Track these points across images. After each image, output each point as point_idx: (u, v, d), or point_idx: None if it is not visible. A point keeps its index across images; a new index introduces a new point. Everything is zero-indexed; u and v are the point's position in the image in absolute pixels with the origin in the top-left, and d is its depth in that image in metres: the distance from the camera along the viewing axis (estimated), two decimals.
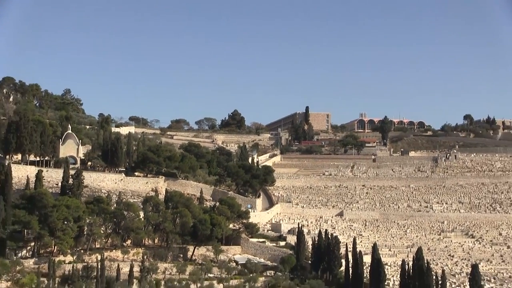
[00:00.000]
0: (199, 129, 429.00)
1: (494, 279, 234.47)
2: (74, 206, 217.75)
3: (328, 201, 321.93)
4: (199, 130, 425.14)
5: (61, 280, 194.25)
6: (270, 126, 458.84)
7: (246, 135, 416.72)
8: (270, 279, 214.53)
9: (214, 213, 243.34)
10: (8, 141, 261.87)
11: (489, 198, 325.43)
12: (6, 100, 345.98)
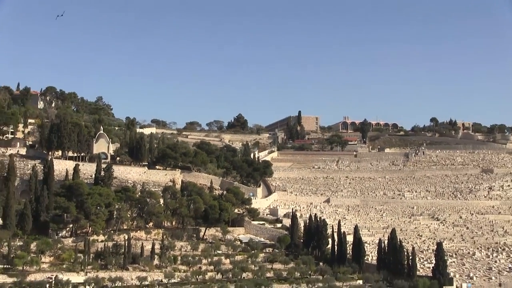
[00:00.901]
0: (209, 129, 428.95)
1: (455, 255, 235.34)
2: (105, 194, 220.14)
3: (317, 190, 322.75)
4: (209, 130, 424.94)
5: (95, 255, 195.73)
6: (269, 127, 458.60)
7: (249, 135, 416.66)
8: (269, 255, 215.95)
9: (222, 200, 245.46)
10: (51, 140, 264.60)
11: (451, 187, 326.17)
12: (49, 106, 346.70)
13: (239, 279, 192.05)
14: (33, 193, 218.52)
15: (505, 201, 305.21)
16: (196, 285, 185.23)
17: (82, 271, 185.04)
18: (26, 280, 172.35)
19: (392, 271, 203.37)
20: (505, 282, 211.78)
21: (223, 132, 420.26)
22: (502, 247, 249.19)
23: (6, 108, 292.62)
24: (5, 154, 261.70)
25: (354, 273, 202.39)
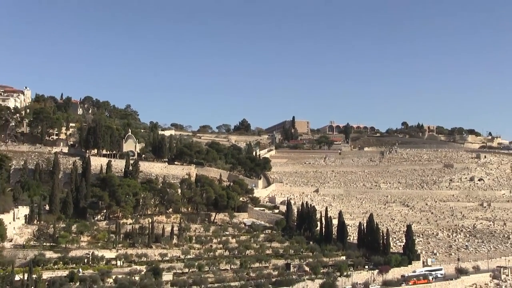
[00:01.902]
0: (219, 132, 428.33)
1: (422, 235, 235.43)
2: (133, 185, 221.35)
3: (308, 182, 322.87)
4: (219, 132, 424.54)
5: (124, 235, 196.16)
6: (268, 130, 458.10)
7: (251, 136, 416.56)
8: (268, 235, 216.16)
9: (229, 190, 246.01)
10: (88, 141, 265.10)
11: (419, 179, 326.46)
12: (87, 112, 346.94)
13: (243, 255, 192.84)
14: (74, 184, 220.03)
15: (462, 190, 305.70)
16: (208, 260, 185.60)
17: (114, 248, 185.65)
18: (69, 256, 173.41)
19: (370, 249, 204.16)
20: (462, 257, 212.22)
21: (230, 134, 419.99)
22: (460, 228, 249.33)
23: (52, 114, 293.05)
24: (51, 152, 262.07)
25: (338, 251, 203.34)
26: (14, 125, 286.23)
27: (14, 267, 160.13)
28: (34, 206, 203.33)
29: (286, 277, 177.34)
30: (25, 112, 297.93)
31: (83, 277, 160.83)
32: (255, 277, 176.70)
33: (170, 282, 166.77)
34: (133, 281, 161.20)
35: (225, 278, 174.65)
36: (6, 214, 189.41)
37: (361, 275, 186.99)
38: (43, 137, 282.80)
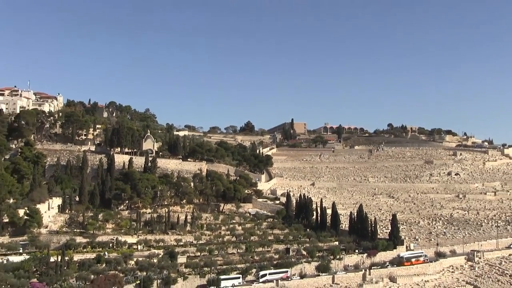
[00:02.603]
0: (226, 132, 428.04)
1: (405, 223, 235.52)
2: (151, 179, 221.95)
3: (305, 176, 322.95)
4: (226, 133, 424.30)
5: (144, 223, 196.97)
6: (270, 130, 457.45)
7: (255, 136, 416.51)
8: (270, 223, 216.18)
9: (236, 183, 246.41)
10: (112, 140, 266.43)
11: (403, 174, 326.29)
12: (111, 115, 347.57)
13: (248, 241, 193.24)
14: (100, 178, 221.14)
15: (441, 184, 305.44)
16: (217, 245, 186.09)
17: (135, 234, 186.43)
18: (96, 241, 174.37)
19: (360, 235, 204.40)
20: (440, 242, 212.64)
21: (236, 134, 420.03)
22: (439, 217, 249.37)
23: (81, 117, 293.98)
24: (80, 150, 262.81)
25: (332, 237, 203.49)
26: (49, 127, 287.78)
27: (50, 250, 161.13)
28: (66, 198, 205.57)
29: (286, 260, 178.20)
30: (58, 115, 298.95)
31: (109, 259, 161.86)
32: (258, 260, 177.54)
33: (184, 264, 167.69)
34: (152, 263, 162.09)
35: (232, 260, 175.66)
36: (42, 204, 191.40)
37: (352, 258, 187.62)
38: (74, 137, 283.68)
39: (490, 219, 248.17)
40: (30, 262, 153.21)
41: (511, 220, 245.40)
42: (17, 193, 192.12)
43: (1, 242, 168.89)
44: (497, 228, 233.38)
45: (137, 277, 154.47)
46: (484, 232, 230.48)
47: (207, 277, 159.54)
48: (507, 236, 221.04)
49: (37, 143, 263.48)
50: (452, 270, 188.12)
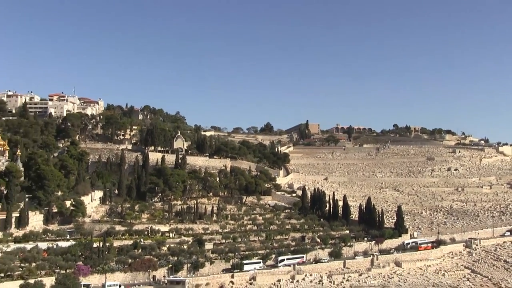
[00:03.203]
0: (248, 132, 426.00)
1: (409, 214, 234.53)
2: (182, 174, 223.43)
3: (319, 172, 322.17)
4: (248, 133, 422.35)
5: (175, 214, 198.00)
6: (287, 130, 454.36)
7: (274, 136, 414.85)
8: (288, 214, 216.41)
9: (257, 178, 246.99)
10: (147, 140, 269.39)
11: (407, 169, 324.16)
12: (145, 118, 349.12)
13: (268, 229, 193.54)
14: (136, 173, 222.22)
15: (441, 178, 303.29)
16: (240, 233, 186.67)
17: (167, 223, 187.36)
18: (133, 229, 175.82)
19: (368, 224, 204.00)
20: (441, 231, 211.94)
21: (257, 134, 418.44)
22: (440, 208, 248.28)
23: (119, 119, 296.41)
24: (118, 149, 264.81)
25: (343, 226, 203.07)
26: (91, 128, 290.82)
27: (93, 237, 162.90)
28: (106, 191, 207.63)
29: (302, 247, 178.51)
30: (99, 118, 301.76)
31: (144, 245, 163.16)
32: (277, 246, 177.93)
33: (211, 250, 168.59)
34: (182, 249, 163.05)
35: (254, 247, 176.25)
36: (86, 196, 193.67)
37: (361, 245, 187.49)
38: (113, 137, 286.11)
39: (486, 210, 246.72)
40: (76, 247, 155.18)
41: (505, 211, 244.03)
42: (64, 187, 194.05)
43: (51, 230, 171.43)
44: (492, 218, 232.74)
45: (169, 261, 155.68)
46: (481, 222, 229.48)
47: (231, 261, 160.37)
48: (501, 225, 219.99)
49: (81, 143, 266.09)
50: (452, 256, 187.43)
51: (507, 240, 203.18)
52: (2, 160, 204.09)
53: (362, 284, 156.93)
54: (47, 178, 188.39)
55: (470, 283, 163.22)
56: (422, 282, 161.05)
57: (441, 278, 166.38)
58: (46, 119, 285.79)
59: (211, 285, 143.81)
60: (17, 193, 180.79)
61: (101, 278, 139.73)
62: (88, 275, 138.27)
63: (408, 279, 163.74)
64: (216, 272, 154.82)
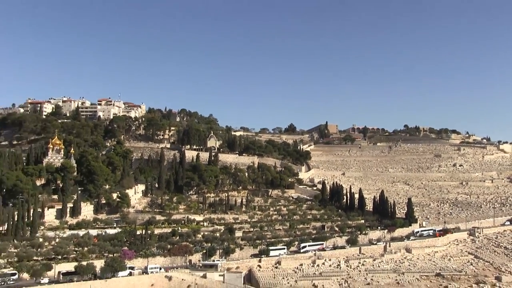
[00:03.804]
0: (273, 132, 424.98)
1: (419, 205, 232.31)
2: (214, 170, 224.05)
3: (337, 167, 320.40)
4: (273, 133, 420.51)
5: (208, 205, 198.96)
6: (308, 131, 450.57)
7: (297, 135, 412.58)
8: (309, 205, 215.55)
9: (281, 173, 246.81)
10: (183, 139, 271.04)
11: (416, 165, 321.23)
12: (182, 120, 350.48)
13: (291, 219, 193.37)
14: (174, 169, 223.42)
15: (447, 173, 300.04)
16: (267, 223, 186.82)
17: (202, 214, 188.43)
18: (171, 218, 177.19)
19: (381, 215, 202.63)
20: (447, 221, 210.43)
21: (281, 134, 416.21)
22: (446, 200, 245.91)
23: (159, 121, 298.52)
24: (158, 147, 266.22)
25: (359, 216, 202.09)
26: (134, 129, 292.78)
27: (136, 225, 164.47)
28: (148, 184, 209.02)
29: (322, 235, 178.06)
30: (141, 120, 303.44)
31: (181, 233, 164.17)
32: (299, 234, 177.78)
33: (240, 237, 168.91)
34: (215, 236, 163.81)
35: (279, 235, 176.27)
36: (130, 189, 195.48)
37: (375, 233, 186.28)
38: (153, 137, 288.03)
39: (488, 202, 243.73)
40: (122, 234, 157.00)
41: (505, 203, 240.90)
42: (111, 181, 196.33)
43: (100, 218, 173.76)
44: (493, 209, 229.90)
45: (203, 247, 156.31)
46: (483, 212, 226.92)
47: (258, 248, 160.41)
48: (502, 216, 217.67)
49: (126, 142, 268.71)
50: (457, 243, 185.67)
51: (507, 229, 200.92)
52: (58, 157, 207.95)
53: (376, 268, 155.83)
54: (96, 173, 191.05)
55: (473, 267, 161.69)
56: (430, 267, 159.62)
57: (447, 262, 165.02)
58: (95, 121, 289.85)
59: (240, 268, 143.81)
60: (71, 186, 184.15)
61: (143, 261, 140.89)
62: (132, 258, 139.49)
63: (417, 263, 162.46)
64: (245, 257, 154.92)
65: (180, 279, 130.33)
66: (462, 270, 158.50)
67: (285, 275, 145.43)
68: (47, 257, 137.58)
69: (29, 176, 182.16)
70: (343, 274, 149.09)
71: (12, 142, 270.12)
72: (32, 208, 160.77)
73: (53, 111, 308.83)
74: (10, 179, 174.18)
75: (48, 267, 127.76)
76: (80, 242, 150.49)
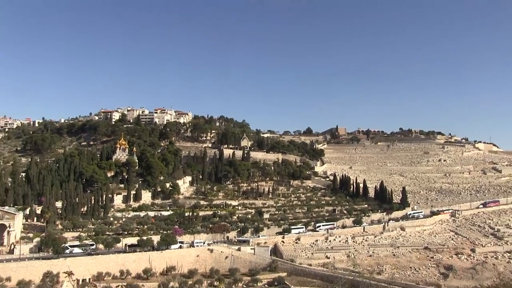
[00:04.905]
0: (294, 134, 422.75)
1: (411, 193, 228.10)
2: (246, 165, 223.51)
3: (345, 163, 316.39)
4: (294, 134, 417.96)
5: (242, 193, 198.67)
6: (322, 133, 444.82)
7: (313, 136, 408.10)
8: (323, 193, 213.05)
9: (301, 167, 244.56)
10: (222, 140, 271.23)
11: (409, 160, 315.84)
12: (221, 124, 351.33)
13: (309, 204, 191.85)
14: (214, 164, 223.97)
15: (434, 167, 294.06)
16: (289, 207, 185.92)
17: (236, 199, 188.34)
18: (212, 203, 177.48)
19: (381, 200, 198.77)
20: (433, 205, 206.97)
21: (300, 135, 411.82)
22: (433, 189, 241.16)
23: (202, 126, 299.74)
24: (202, 147, 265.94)
25: (363, 201, 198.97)
26: (183, 132, 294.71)
27: (184, 208, 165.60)
28: (194, 176, 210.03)
29: (333, 216, 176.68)
30: (188, 125, 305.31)
31: (220, 215, 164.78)
32: (315, 216, 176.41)
33: (268, 218, 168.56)
34: (247, 218, 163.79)
35: (298, 216, 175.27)
36: (179, 180, 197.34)
37: (376, 215, 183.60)
38: (198, 138, 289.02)
39: (466, 190, 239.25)
40: (173, 215, 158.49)
41: (479, 190, 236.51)
42: (164, 173, 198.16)
43: (156, 203, 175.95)
44: (470, 195, 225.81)
45: (238, 226, 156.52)
46: (462, 198, 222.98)
47: (282, 227, 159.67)
48: (476, 200, 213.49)
49: (176, 142, 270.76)
50: (441, 223, 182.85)
51: (480, 211, 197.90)
52: (124, 155, 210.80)
53: (376, 243, 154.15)
54: (153, 167, 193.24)
55: (453, 242, 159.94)
56: (419, 242, 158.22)
57: (433, 238, 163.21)
58: (152, 126, 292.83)
59: (268, 243, 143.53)
60: (133, 178, 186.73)
61: (191, 237, 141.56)
62: (182, 235, 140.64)
63: (409, 239, 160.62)
64: (272, 234, 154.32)
65: (219, 251, 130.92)
66: (445, 244, 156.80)
67: (304, 249, 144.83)
68: (116, 232, 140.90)
69: (102, 169, 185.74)
70: (350, 248, 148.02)
71: (89, 143, 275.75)
72: (104, 194, 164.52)
73: (120, 118, 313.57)
74: (88, 171, 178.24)
75: (117, 240, 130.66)
76: (141, 221, 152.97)
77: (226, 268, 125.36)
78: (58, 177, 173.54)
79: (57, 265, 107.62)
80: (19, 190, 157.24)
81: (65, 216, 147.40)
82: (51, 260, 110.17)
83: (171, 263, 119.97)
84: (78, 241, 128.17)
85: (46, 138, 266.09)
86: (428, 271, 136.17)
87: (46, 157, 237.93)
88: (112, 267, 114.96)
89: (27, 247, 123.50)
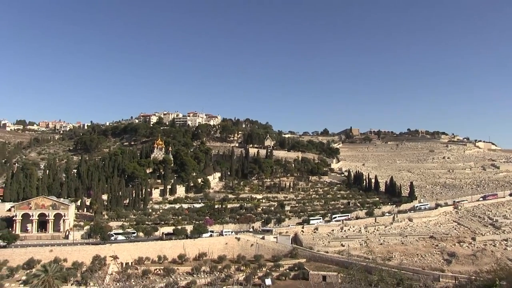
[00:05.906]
0: (312, 134, 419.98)
1: (418, 187, 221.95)
2: (270, 162, 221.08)
3: (359, 160, 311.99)
4: (312, 135, 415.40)
5: (266, 187, 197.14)
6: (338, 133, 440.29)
7: (329, 137, 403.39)
8: (338, 187, 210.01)
9: (318, 164, 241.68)
10: (247, 140, 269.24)
11: (416, 158, 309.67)
12: (246, 126, 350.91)
13: (326, 197, 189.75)
14: (241, 162, 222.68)
15: (439, 164, 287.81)
16: (308, 200, 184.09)
17: (261, 193, 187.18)
18: (239, 197, 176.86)
19: (391, 194, 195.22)
20: (438, 198, 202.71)
21: (318, 136, 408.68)
22: (438, 183, 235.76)
23: (230, 127, 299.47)
24: (230, 146, 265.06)
25: (374, 195, 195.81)
26: (213, 133, 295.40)
27: (214, 201, 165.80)
28: (223, 172, 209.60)
29: (348, 208, 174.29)
30: (218, 126, 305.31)
31: (246, 207, 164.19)
32: (331, 208, 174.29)
33: (289, 210, 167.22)
34: (271, 210, 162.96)
35: (316, 209, 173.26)
36: (210, 176, 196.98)
37: (386, 207, 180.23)
38: (226, 138, 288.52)
39: (468, 184, 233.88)
40: (204, 207, 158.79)
41: (479, 184, 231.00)
42: (196, 170, 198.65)
43: (189, 196, 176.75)
44: (471, 189, 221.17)
45: (262, 217, 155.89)
46: (464, 192, 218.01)
47: (302, 218, 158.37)
48: (477, 194, 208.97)
49: (207, 142, 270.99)
50: (445, 214, 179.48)
51: (480, 203, 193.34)
52: (160, 154, 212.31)
53: (387, 233, 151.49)
54: (187, 164, 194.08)
55: (456, 231, 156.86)
56: (425, 231, 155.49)
57: (438, 228, 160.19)
58: (185, 128, 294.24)
59: (289, 233, 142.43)
60: (169, 174, 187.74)
61: (220, 227, 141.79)
62: (212, 225, 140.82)
63: (416, 229, 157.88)
64: (292, 224, 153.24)
65: (245, 239, 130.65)
66: (448, 233, 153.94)
67: (321, 238, 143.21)
68: (154, 222, 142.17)
69: (142, 166, 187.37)
70: (363, 237, 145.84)
71: (130, 143, 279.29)
72: (144, 188, 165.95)
73: (157, 121, 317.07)
74: (130, 168, 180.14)
75: (155, 229, 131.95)
76: (176, 212, 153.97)
77: (252, 254, 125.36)
78: (104, 173, 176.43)
79: (104, 250, 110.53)
80: (72, 184, 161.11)
81: (110, 207, 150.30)
82: (99, 246, 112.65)
83: (202, 249, 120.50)
84: (122, 230, 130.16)
85: (94, 139, 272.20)
86: (433, 258, 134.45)
87: (94, 156, 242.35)
88: (151, 253, 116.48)
89: (79, 233, 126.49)
